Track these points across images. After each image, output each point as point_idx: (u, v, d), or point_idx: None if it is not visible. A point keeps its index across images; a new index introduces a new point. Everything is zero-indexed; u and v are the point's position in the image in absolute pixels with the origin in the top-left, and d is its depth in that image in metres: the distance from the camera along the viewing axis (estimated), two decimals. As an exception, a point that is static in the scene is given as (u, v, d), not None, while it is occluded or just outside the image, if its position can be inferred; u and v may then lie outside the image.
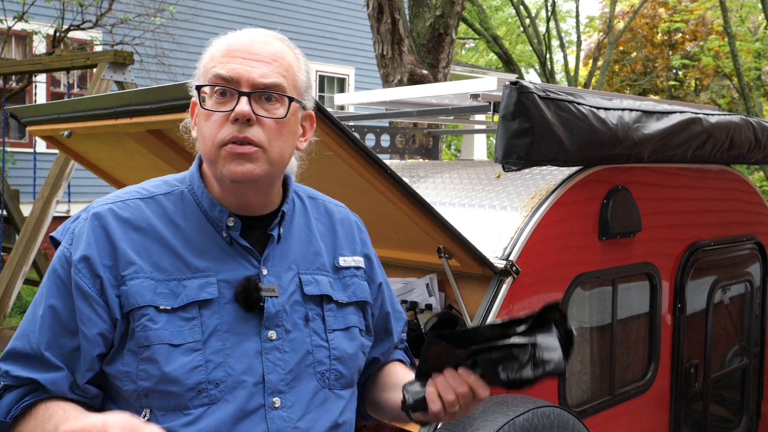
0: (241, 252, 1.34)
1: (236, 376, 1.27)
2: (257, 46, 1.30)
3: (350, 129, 1.98)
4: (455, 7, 6.79)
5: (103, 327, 1.25)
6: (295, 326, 1.34)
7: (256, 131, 1.27)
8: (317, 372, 1.35)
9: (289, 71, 1.32)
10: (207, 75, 1.31)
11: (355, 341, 1.42)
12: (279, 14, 13.69)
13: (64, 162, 6.14)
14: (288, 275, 1.37)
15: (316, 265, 1.42)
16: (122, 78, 6.18)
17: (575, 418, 2.08)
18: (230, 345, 1.28)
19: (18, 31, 9.70)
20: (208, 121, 1.29)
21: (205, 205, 1.35)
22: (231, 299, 1.30)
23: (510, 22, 23.34)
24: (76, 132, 2.49)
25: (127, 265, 1.27)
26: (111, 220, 1.30)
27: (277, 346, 1.32)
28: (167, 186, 1.38)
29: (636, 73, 24.14)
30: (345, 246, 1.49)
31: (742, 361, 3.32)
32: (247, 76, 1.27)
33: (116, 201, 1.33)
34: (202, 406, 1.24)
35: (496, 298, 2.13)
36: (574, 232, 2.42)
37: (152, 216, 1.32)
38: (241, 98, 1.26)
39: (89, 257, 1.26)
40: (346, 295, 1.44)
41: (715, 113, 2.90)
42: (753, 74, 16.89)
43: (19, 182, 9.69)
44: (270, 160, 1.29)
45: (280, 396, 1.30)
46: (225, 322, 1.29)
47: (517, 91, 2.13)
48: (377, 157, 1.85)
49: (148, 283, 1.26)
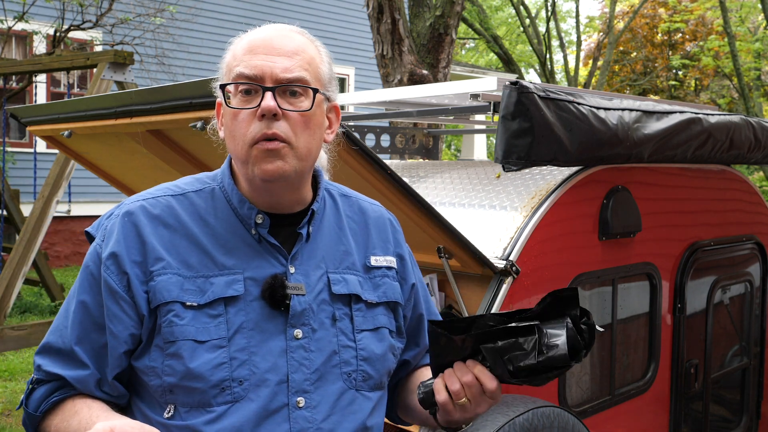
0: (269, 250, 1.34)
1: (260, 374, 1.27)
2: (278, 41, 1.31)
3: (350, 129, 1.98)
4: (455, 7, 6.79)
5: (130, 324, 1.27)
6: (321, 325, 1.33)
7: (282, 126, 1.27)
8: (343, 372, 1.34)
9: (311, 64, 1.32)
10: (230, 74, 1.31)
11: (384, 342, 1.40)
12: (279, 14, 13.69)
13: (64, 162, 6.14)
14: (316, 274, 1.36)
15: (345, 264, 1.41)
16: (122, 78, 6.18)
17: (575, 418, 2.08)
18: (255, 343, 1.28)
19: (18, 31, 9.70)
20: (236, 120, 1.29)
21: (235, 202, 1.35)
22: (257, 297, 1.30)
23: (510, 22, 23.34)
24: (76, 132, 2.49)
25: (156, 261, 1.28)
26: (142, 217, 1.31)
27: (303, 345, 1.31)
28: (199, 183, 1.39)
29: (636, 73, 24.15)
30: (377, 245, 1.47)
31: (742, 361, 3.32)
32: (270, 71, 1.27)
33: (148, 198, 1.35)
34: (226, 404, 1.24)
35: (496, 298, 2.13)
36: (574, 232, 2.42)
37: (183, 213, 1.33)
38: (266, 94, 1.26)
39: (117, 254, 1.28)
40: (376, 295, 1.42)
41: (715, 113, 2.90)
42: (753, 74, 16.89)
43: (19, 182, 9.69)
44: (298, 155, 1.29)
45: (304, 396, 1.29)
46: (251, 319, 1.28)
47: (517, 91, 2.13)
48: (377, 157, 1.86)
49: (175, 279, 1.27)
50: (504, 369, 1.25)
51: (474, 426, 1.88)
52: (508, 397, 2.05)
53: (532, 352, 1.22)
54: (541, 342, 1.23)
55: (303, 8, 13.98)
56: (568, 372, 2.37)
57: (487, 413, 1.92)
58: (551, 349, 1.22)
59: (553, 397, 2.31)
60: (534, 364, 1.22)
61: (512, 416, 1.90)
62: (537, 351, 1.22)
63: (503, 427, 1.87)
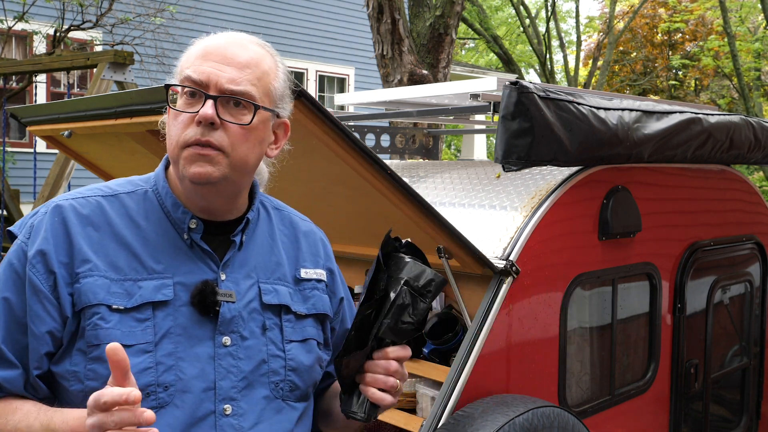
0: (201, 255, 1.33)
1: (187, 380, 1.26)
2: (232, 49, 1.29)
3: (350, 129, 1.98)
4: (455, 7, 6.79)
5: (52, 325, 1.24)
6: (251, 334, 1.33)
7: (219, 135, 1.26)
8: (271, 381, 1.34)
9: (261, 79, 1.31)
10: (180, 75, 1.31)
11: (312, 353, 1.41)
12: (279, 14, 13.69)
13: (64, 162, 6.13)
14: (247, 282, 1.36)
15: (276, 275, 1.41)
16: (122, 78, 6.18)
17: (575, 418, 2.08)
18: (183, 348, 1.26)
19: (18, 31, 9.70)
20: (176, 120, 1.29)
21: (168, 205, 1.34)
22: (187, 302, 1.28)
23: (510, 22, 23.35)
24: (76, 132, 2.49)
25: (83, 263, 1.25)
26: (71, 215, 1.28)
27: (231, 353, 1.30)
28: (131, 185, 1.38)
29: (636, 73, 24.15)
30: (308, 258, 1.48)
31: (742, 361, 3.32)
32: (216, 80, 1.26)
33: (78, 197, 1.32)
34: (151, 410, 1.22)
35: (496, 298, 2.13)
36: (574, 232, 2.42)
37: (113, 214, 1.31)
38: (207, 101, 1.25)
39: (45, 252, 1.25)
40: (306, 307, 1.43)
41: (715, 113, 2.90)
42: (753, 74, 16.89)
43: (19, 182, 9.69)
44: (232, 165, 1.28)
45: (231, 403, 1.29)
46: (179, 324, 1.27)
47: (517, 91, 2.13)
48: (377, 157, 1.85)
49: (102, 282, 1.25)
50: (407, 331, 1.31)
51: (474, 426, 1.88)
52: (508, 397, 2.05)
53: (417, 300, 1.29)
54: (413, 287, 1.30)
55: (303, 8, 13.97)
56: (568, 372, 2.37)
57: (487, 413, 1.92)
58: (429, 285, 1.31)
59: (553, 397, 2.31)
60: (428, 306, 1.30)
61: (512, 416, 1.90)
62: (420, 295, 1.30)
63: (503, 427, 1.87)
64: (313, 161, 2.06)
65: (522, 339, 2.21)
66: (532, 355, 2.25)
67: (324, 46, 14.34)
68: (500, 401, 1.99)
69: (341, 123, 1.76)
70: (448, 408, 1.98)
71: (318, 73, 14.42)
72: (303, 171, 2.23)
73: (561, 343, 2.33)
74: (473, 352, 2.06)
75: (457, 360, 2.06)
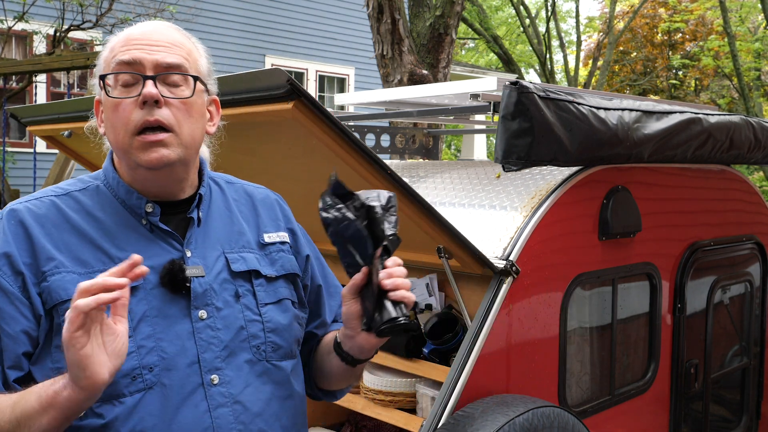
0: (163, 237, 1.35)
1: (170, 358, 1.28)
2: (156, 35, 1.33)
3: (350, 129, 1.98)
4: (455, 7, 6.79)
5: (27, 325, 1.24)
6: (226, 303, 1.36)
7: (165, 113, 1.28)
8: (252, 346, 1.37)
9: (190, 55, 1.35)
10: (109, 65, 1.32)
11: (288, 313, 1.45)
12: (279, 14, 13.68)
13: (64, 162, 6.14)
14: (213, 255, 1.39)
15: (240, 244, 1.44)
16: (122, 78, 6.17)
17: (575, 418, 2.08)
18: (161, 329, 1.29)
19: (18, 31, 9.70)
20: (117, 110, 1.30)
21: (122, 194, 1.36)
22: (157, 284, 1.31)
23: (510, 22, 23.34)
24: (76, 132, 2.49)
25: (47, 261, 1.26)
26: (27, 217, 1.29)
27: (209, 325, 1.33)
28: (81, 183, 1.40)
29: (636, 73, 24.15)
30: (268, 223, 1.52)
31: (742, 361, 3.32)
32: (150, 58, 1.29)
33: (31, 200, 1.34)
34: (138, 392, 1.25)
35: (496, 298, 2.13)
36: (574, 232, 2.42)
37: (69, 211, 1.33)
38: (147, 81, 1.28)
39: (9, 254, 1.25)
40: (275, 269, 1.46)
41: (715, 113, 2.90)
42: (753, 74, 16.90)
43: (19, 182, 9.69)
44: (183, 143, 1.31)
45: (217, 372, 1.32)
46: (153, 307, 1.29)
47: (517, 91, 2.13)
48: (377, 157, 1.85)
49: (70, 277, 1.26)
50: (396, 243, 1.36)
51: (474, 426, 1.88)
52: (508, 397, 2.05)
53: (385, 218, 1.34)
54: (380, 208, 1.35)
55: (303, 8, 13.97)
56: (568, 372, 2.37)
57: (487, 413, 1.92)
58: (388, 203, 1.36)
59: (553, 397, 2.31)
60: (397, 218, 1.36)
61: (512, 416, 1.90)
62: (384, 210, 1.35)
63: (503, 427, 1.87)
64: (313, 161, 2.06)
65: (522, 339, 2.21)
66: (532, 355, 2.25)
67: (324, 46, 14.33)
68: (500, 401, 1.99)
69: (341, 123, 1.76)
70: (448, 408, 1.98)
71: (318, 73, 14.42)
72: (303, 171, 2.23)
73: (561, 343, 2.33)
74: (473, 352, 2.06)
75: (457, 360, 2.06)
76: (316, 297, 1.59)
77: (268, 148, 2.20)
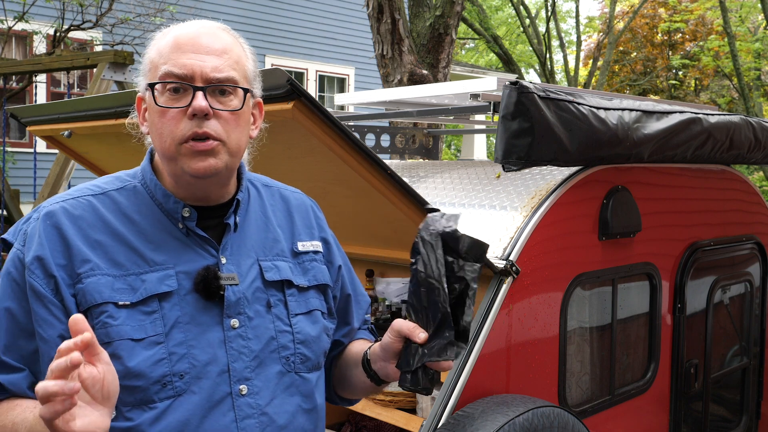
0: (199, 242, 1.34)
1: (200, 366, 1.28)
2: (205, 39, 1.31)
3: (350, 129, 1.98)
4: (455, 7, 6.79)
5: (61, 328, 1.23)
6: (257, 313, 1.36)
7: (213, 125, 1.27)
8: (282, 357, 1.37)
9: (239, 63, 1.33)
10: (157, 72, 1.30)
11: (318, 324, 1.44)
12: (279, 14, 13.69)
13: (64, 162, 6.13)
14: (247, 262, 1.38)
15: (275, 251, 1.43)
16: (122, 78, 6.18)
17: (575, 418, 2.08)
18: (193, 336, 1.28)
19: (18, 31, 9.70)
20: (164, 118, 1.28)
21: (159, 197, 1.35)
22: (191, 290, 1.30)
23: (510, 22, 23.34)
24: (76, 132, 2.49)
25: (82, 263, 1.26)
26: (63, 219, 1.28)
27: (240, 334, 1.32)
28: (119, 182, 1.38)
29: (636, 73, 24.15)
30: (303, 231, 1.51)
31: (742, 361, 3.32)
32: (200, 71, 1.27)
33: (68, 199, 1.32)
34: (168, 399, 1.25)
35: (496, 298, 2.13)
36: (574, 232, 2.42)
37: (105, 212, 1.32)
38: (197, 93, 1.26)
39: (42, 257, 1.25)
40: (307, 279, 1.45)
41: (715, 113, 2.90)
42: (753, 74, 16.90)
43: (19, 182, 9.69)
44: (230, 151, 1.30)
45: (246, 383, 1.32)
46: (186, 313, 1.29)
47: (517, 91, 2.13)
48: (377, 157, 1.85)
49: (105, 280, 1.25)
50: None
51: (474, 426, 1.88)
52: (508, 397, 2.05)
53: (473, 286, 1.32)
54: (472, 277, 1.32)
55: (303, 8, 13.97)
56: (568, 372, 2.37)
57: (487, 413, 1.92)
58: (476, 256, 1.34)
59: (553, 397, 2.31)
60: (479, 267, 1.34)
61: (512, 416, 1.90)
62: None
63: (503, 427, 1.87)
64: (313, 161, 2.06)
65: (522, 339, 2.21)
66: (532, 355, 2.25)
67: (324, 46, 14.33)
68: (500, 401, 1.99)
69: (341, 123, 1.76)
70: (448, 408, 1.98)
71: (318, 73, 14.42)
72: (303, 171, 2.23)
73: (561, 343, 2.33)
74: (473, 352, 2.06)
75: (457, 360, 2.06)
76: (345, 306, 1.59)
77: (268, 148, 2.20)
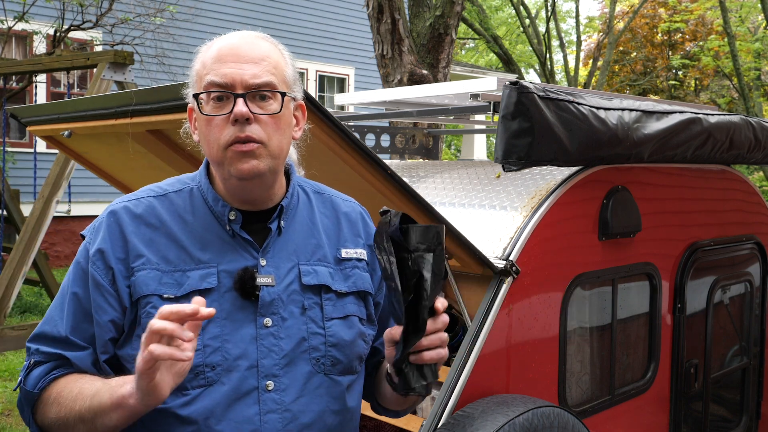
0: (242, 244, 1.44)
1: (231, 360, 1.37)
2: (245, 48, 1.40)
3: (350, 129, 1.98)
4: (455, 7, 6.78)
5: (114, 314, 1.37)
6: (291, 315, 1.43)
7: (255, 128, 1.37)
8: (312, 357, 1.43)
9: (277, 68, 1.42)
10: (201, 82, 1.41)
11: (354, 329, 1.50)
12: (279, 14, 13.68)
13: (64, 162, 6.13)
14: (287, 265, 1.46)
15: (317, 257, 1.50)
16: (122, 78, 6.18)
17: (575, 418, 2.08)
18: (228, 331, 1.38)
19: (18, 31, 9.70)
20: (210, 125, 1.39)
21: (210, 200, 1.46)
22: (230, 288, 1.40)
23: (510, 22, 23.35)
24: (76, 132, 2.49)
25: (137, 258, 1.39)
26: (125, 217, 1.42)
27: (272, 333, 1.41)
28: (180, 184, 1.51)
29: (636, 73, 24.15)
30: (349, 238, 1.57)
31: (742, 361, 3.32)
32: (240, 78, 1.37)
33: (132, 199, 1.46)
34: (200, 387, 1.35)
35: (496, 298, 2.13)
36: (574, 232, 2.42)
37: (163, 212, 1.44)
38: (237, 100, 1.36)
39: (104, 250, 1.39)
40: (347, 285, 1.51)
41: (715, 113, 2.90)
42: (753, 74, 16.90)
43: (19, 182, 9.68)
44: (271, 154, 1.39)
45: (273, 379, 1.39)
46: (224, 309, 1.38)
47: (517, 91, 2.13)
48: (377, 157, 1.86)
49: (154, 274, 1.38)
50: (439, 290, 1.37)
51: (474, 426, 1.88)
52: (508, 397, 2.05)
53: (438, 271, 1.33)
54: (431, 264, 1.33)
55: (303, 8, 13.97)
56: (568, 372, 2.37)
57: (487, 413, 1.92)
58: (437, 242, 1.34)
59: (553, 397, 2.31)
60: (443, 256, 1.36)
61: (512, 416, 1.90)
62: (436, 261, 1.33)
63: (503, 427, 1.87)
64: (312, 161, 2.06)
65: (522, 339, 2.21)
66: (532, 355, 2.25)
67: (324, 46, 14.33)
68: (500, 401, 1.99)
69: (341, 123, 1.76)
70: (448, 408, 1.98)
71: (318, 73, 14.42)
72: (303, 171, 2.23)
73: (561, 343, 2.33)
74: (473, 352, 2.06)
75: (457, 360, 2.06)
76: (388, 314, 1.62)
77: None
